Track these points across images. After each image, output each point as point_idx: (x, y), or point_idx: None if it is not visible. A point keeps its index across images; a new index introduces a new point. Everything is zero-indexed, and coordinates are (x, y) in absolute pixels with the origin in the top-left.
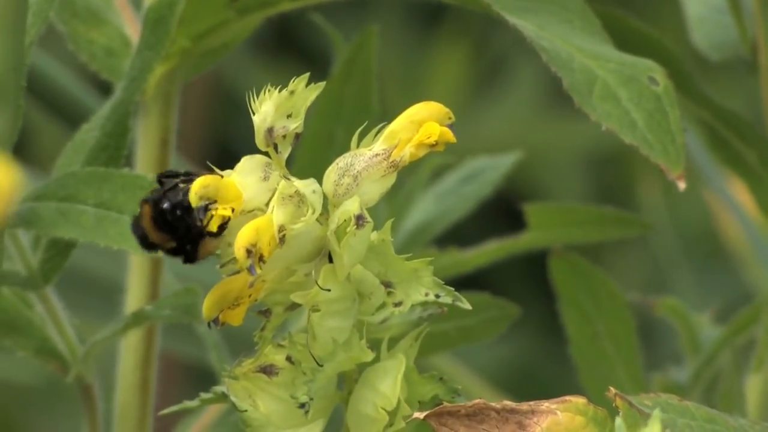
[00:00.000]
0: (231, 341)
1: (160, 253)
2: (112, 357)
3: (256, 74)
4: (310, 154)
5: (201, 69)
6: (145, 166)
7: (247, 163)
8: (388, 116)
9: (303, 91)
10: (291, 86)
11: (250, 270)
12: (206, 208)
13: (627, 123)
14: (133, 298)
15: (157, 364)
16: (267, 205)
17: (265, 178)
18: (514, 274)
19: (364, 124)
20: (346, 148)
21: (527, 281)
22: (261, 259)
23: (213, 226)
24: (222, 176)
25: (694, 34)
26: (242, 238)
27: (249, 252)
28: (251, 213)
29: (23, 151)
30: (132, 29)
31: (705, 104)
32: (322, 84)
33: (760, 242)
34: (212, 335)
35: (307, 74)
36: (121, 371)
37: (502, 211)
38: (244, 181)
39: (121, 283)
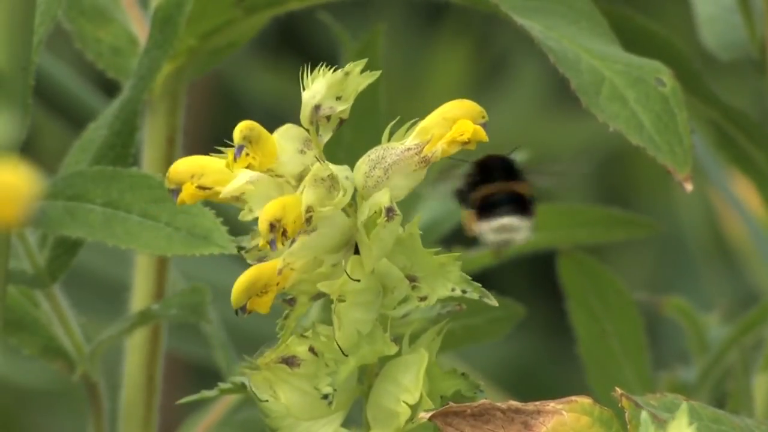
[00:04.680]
0: (235, 340)
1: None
2: (118, 355)
3: (257, 73)
4: None
5: (208, 68)
6: (152, 164)
7: (289, 130)
8: (391, 115)
9: (357, 76)
10: (347, 68)
11: (271, 245)
12: (242, 148)
13: (634, 124)
14: (140, 297)
15: (162, 362)
16: (296, 179)
17: (302, 152)
18: (515, 274)
19: (372, 124)
20: (353, 148)
21: (528, 281)
22: (284, 234)
23: (239, 166)
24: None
25: (703, 33)
26: (267, 211)
27: (272, 226)
28: (280, 179)
29: (27, 151)
30: (138, 28)
31: (713, 103)
32: (377, 72)
33: (765, 241)
34: (219, 334)
35: (364, 60)
36: (127, 370)
37: None
38: (284, 144)
39: (128, 281)
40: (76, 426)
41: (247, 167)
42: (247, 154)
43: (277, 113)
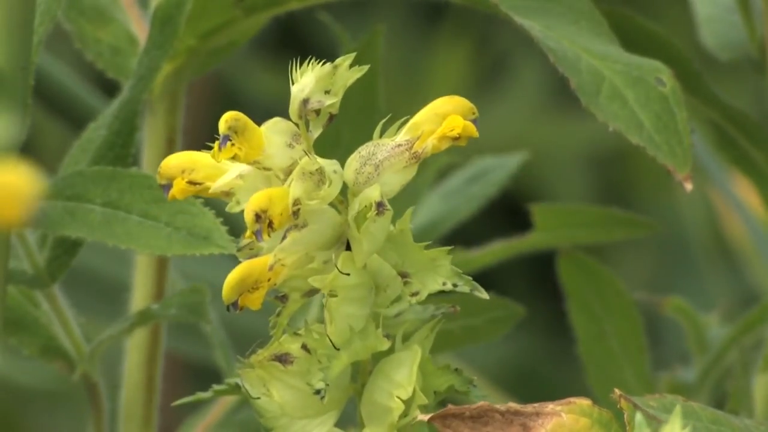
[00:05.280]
0: (235, 339)
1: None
2: (118, 355)
3: (257, 73)
4: (316, 153)
5: (207, 68)
6: (152, 165)
7: (278, 123)
8: (391, 116)
9: (345, 71)
10: (336, 62)
11: (257, 235)
12: (228, 138)
13: (634, 124)
14: (139, 297)
15: (162, 362)
16: (284, 172)
17: (290, 146)
18: (515, 274)
19: (370, 124)
20: (351, 148)
21: (527, 281)
22: (270, 226)
23: (224, 157)
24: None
25: (702, 33)
26: (253, 202)
27: (258, 217)
28: (269, 173)
29: (27, 151)
30: (138, 28)
31: (713, 103)
32: (365, 67)
33: (765, 241)
34: (218, 334)
35: (353, 54)
36: (127, 369)
37: (503, 210)
38: (271, 137)
39: (127, 281)
40: (76, 426)
41: (233, 158)
42: (233, 145)
43: (277, 113)
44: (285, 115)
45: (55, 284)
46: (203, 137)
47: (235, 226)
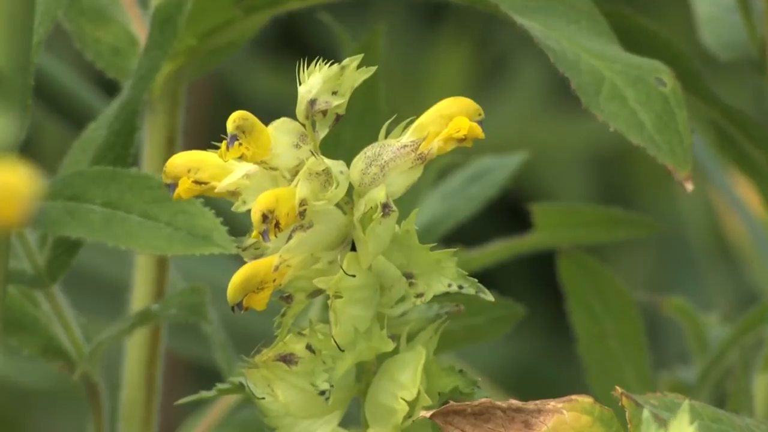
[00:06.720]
0: (236, 339)
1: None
2: (118, 355)
3: (257, 73)
4: None
5: (207, 68)
6: (152, 165)
7: (285, 124)
8: (392, 116)
9: (353, 71)
10: (344, 63)
11: (263, 236)
12: (235, 138)
13: (634, 124)
14: (139, 297)
15: (162, 362)
16: (290, 172)
17: (297, 146)
18: (515, 274)
19: (371, 124)
20: (353, 148)
21: (528, 281)
22: (277, 226)
23: (231, 156)
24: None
25: (703, 33)
26: (260, 202)
27: (265, 217)
28: (275, 173)
29: (27, 151)
30: (138, 28)
31: (713, 103)
32: (372, 68)
33: (765, 241)
34: (218, 334)
35: (360, 55)
36: (127, 369)
37: (503, 210)
38: (278, 137)
39: (127, 281)
40: (76, 426)
41: (240, 158)
42: (240, 144)
43: (278, 113)
44: (285, 114)
45: (55, 284)
46: (203, 137)
47: (235, 226)
